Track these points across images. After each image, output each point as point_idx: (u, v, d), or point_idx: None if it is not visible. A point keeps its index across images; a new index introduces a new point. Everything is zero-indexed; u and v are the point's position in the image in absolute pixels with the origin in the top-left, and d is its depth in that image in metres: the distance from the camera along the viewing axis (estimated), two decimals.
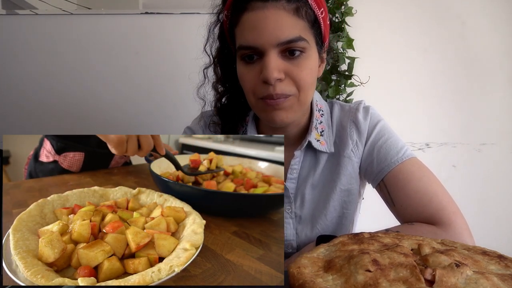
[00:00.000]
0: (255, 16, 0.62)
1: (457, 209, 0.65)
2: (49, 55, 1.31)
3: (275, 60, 0.61)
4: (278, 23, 0.61)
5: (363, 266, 0.35)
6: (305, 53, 0.64)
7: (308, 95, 0.67)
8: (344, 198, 0.74)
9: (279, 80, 0.62)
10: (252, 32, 0.62)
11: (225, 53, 0.74)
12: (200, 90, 0.80)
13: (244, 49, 0.64)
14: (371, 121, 0.74)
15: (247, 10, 0.63)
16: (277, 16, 0.61)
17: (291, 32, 0.61)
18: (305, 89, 0.65)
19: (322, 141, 0.74)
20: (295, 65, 0.63)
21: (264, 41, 0.61)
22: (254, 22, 0.62)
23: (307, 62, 0.64)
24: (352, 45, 1.26)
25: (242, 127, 0.79)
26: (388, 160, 0.70)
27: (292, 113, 0.67)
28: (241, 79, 0.68)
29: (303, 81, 0.64)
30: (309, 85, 0.66)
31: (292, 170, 0.75)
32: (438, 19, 1.35)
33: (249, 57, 0.64)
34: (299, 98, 0.65)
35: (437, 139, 1.40)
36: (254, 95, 0.66)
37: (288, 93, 0.64)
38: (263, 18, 0.61)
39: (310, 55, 0.65)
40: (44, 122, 1.33)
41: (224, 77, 0.77)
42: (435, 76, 1.38)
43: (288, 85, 0.64)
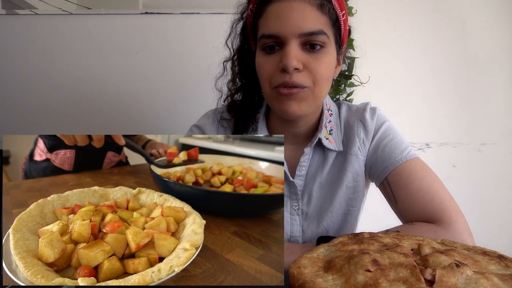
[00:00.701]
0: (280, 6, 0.63)
1: (458, 209, 0.66)
2: (49, 55, 1.31)
3: (295, 50, 0.63)
4: (302, 14, 0.62)
5: (363, 266, 0.35)
6: (325, 48, 0.65)
7: (323, 90, 0.68)
8: (349, 195, 0.75)
9: (297, 70, 0.63)
10: (276, 21, 0.63)
11: (244, 50, 0.76)
12: (218, 81, 0.81)
13: (266, 38, 0.65)
14: (378, 121, 0.76)
15: (272, 1, 0.64)
16: (301, 8, 0.62)
17: (314, 24, 0.63)
18: (321, 83, 0.66)
19: (331, 139, 0.75)
20: (314, 58, 0.64)
21: (287, 30, 0.62)
22: (279, 12, 0.63)
23: (326, 57, 0.65)
24: (352, 45, 1.26)
25: (253, 124, 0.80)
26: (392, 158, 0.71)
27: (305, 106, 0.67)
28: (259, 69, 0.68)
29: (320, 74, 0.65)
30: (325, 80, 0.67)
31: (301, 167, 0.75)
32: (438, 19, 1.35)
33: (270, 48, 0.65)
34: (313, 91, 0.66)
35: (437, 139, 1.40)
36: (269, 83, 0.67)
37: (303, 84, 0.64)
38: (288, 8, 0.62)
39: (329, 52, 0.66)
40: (44, 122, 1.33)
41: (241, 73, 0.78)
42: (435, 76, 1.38)
43: (304, 77, 0.64)
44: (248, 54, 0.75)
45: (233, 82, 0.79)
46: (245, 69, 0.77)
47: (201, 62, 0.80)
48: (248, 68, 0.75)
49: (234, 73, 0.78)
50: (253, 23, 0.70)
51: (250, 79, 0.77)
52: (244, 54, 0.76)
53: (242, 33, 0.76)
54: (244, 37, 0.75)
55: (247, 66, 0.76)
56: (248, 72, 0.76)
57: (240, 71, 0.78)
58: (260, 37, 0.66)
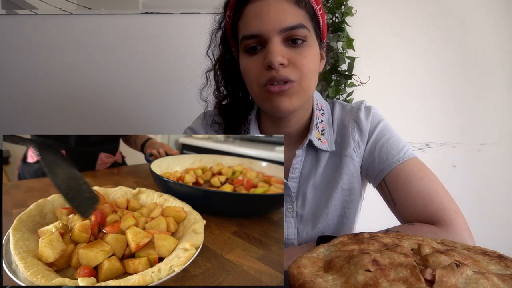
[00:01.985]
0: (259, 5, 0.64)
1: (458, 209, 0.65)
2: (49, 55, 1.31)
3: (278, 46, 0.63)
4: (281, 10, 0.63)
5: (363, 266, 0.35)
6: (307, 42, 0.65)
7: (311, 82, 0.68)
8: (345, 197, 0.74)
9: (282, 65, 0.63)
10: (255, 20, 0.64)
11: (226, 59, 0.76)
12: (202, 92, 0.81)
13: (247, 39, 0.65)
14: (373, 120, 0.75)
15: (249, 2, 0.65)
16: (279, 4, 0.63)
17: (293, 19, 0.63)
18: (308, 76, 0.66)
19: (323, 139, 0.74)
20: (297, 53, 0.64)
21: (267, 28, 0.62)
22: (258, 11, 0.64)
23: (309, 50, 0.66)
24: (352, 45, 1.26)
25: (245, 126, 0.79)
26: (389, 159, 0.70)
27: (296, 100, 0.67)
28: (245, 71, 0.68)
29: (306, 67, 0.65)
30: (312, 72, 0.67)
31: (294, 169, 0.75)
32: (438, 19, 1.35)
33: (253, 49, 0.65)
34: (301, 85, 0.66)
35: (437, 139, 1.40)
36: (257, 83, 0.66)
37: (291, 78, 0.64)
38: (266, 6, 0.63)
39: (311, 44, 0.66)
40: (44, 122, 1.33)
41: (225, 82, 0.78)
42: (435, 76, 1.37)
43: (291, 71, 0.64)
44: (231, 62, 0.75)
45: (218, 91, 0.79)
46: (229, 77, 0.77)
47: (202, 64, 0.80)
48: (232, 75, 0.75)
49: (218, 82, 0.78)
50: (232, 28, 0.70)
51: (236, 86, 0.77)
52: (226, 62, 0.76)
53: (222, 42, 0.76)
54: (225, 46, 0.75)
55: (231, 73, 0.76)
56: (233, 79, 0.76)
57: (225, 79, 0.78)
58: (242, 38, 0.66)
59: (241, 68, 0.69)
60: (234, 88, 0.78)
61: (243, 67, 0.68)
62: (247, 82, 0.69)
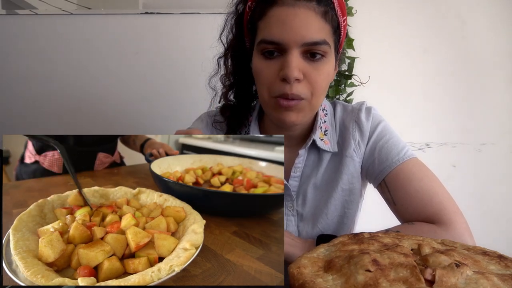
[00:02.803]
0: (284, 12, 0.61)
1: (458, 209, 0.65)
2: (49, 55, 1.31)
3: (297, 59, 0.61)
4: (307, 23, 0.60)
5: (363, 266, 0.35)
6: (326, 58, 0.64)
7: (319, 100, 0.68)
8: (345, 197, 0.74)
9: (297, 80, 0.62)
10: (279, 27, 0.61)
11: (238, 45, 0.73)
12: (212, 79, 0.79)
13: (267, 44, 0.63)
14: (373, 121, 0.75)
15: (276, 4, 0.62)
16: (306, 16, 0.60)
17: (318, 34, 0.61)
18: (319, 93, 0.65)
19: (326, 140, 0.75)
20: (314, 68, 0.63)
21: (290, 38, 0.60)
22: (283, 17, 0.61)
23: (326, 67, 0.65)
24: (352, 45, 1.26)
25: (245, 126, 0.79)
26: (389, 160, 0.70)
27: (302, 116, 0.67)
28: (257, 74, 0.67)
29: (319, 85, 0.64)
30: (323, 89, 0.66)
31: (296, 169, 0.75)
32: (438, 19, 1.35)
33: (270, 53, 0.63)
34: (311, 102, 0.66)
35: (437, 139, 1.40)
36: (269, 92, 0.66)
37: (302, 95, 0.64)
38: (293, 15, 0.60)
39: (329, 61, 0.65)
40: (44, 122, 1.33)
41: (234, 69, 0.76)
42: (435, 76, 1.37)
43: (304, 88, 0.63)
44: (242, 49, 0.73)
45: (226, 77, 0.77)
46: (239, 65, 0.75)
47: (201, 62, 0.80)
48: (241, 64, 0.74)
49: (227, 68, 0.76)
50: (251, 22, 0.68)
51: (243, 76, 0.75)
52: (238, 49, 0.74)
53: (236, 26, 0.73)
54: (239, 31, 0.73)
55: (240, 62, 0.74)
56: (241, 69, 0.74)
57: (233, 67, 0.76)
58: (260, 41, 0.64)
59: (253, 67, 0.68)
60: (241, 78, 0.76)
61: (256, 69, 0.67)
62: (257, 84, 0.68)
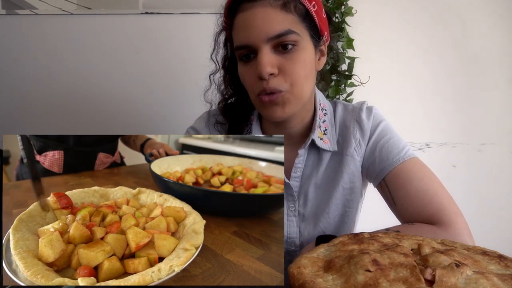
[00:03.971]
0: (245, 16, 0.64)
1: (458, 209, 0.65)
2: (49, 55, 1.31)
3: (268, 56, 0.63)
4: (266, 19, 0.62)
5: (363, 266, 0.35)
6: (298, 46, 0.65)
7: (303, 88, 0.67)
8: (346, 196, 0.74)
9: (272, 75, 0.64)
10: (243, 31, 0.64)
11: (230, 59, 0.77)
12: (206, 94, 0.82)
13: (239, 49, 0.66)
14: (374, 120, 0.75)
15: (238, 11, 0.65)
16: (264, 13, 0.63)
17: (280, 26, 0.63)
18: (299, 83, 0.66)
19: (326, 139, 0.75)
20: (288, 59, 0.64)
21: (254, 38, 0.63)
22: (245, 21, 0.64)
23: (300, 55, 0.65)
24: (352, 45, 1.26)
25: (247, 126, 0.80)
26: (389, 159, 0.70)
27: (289, 108, 0.67)
28: (242, 79, 0.70)
29: (297, 74, 0.65)
30: (304, 78, 0.66)
31: (296, 169, 0.75)
32: (438, 19, 1.35)
33: (246, 56, 0.66)
34: (293, 92, 0.66)
35: (437, 139, 1.40)
36: (252, 92, 0.68)
37: (280, 88, 0.64)
38: (252, 16, 0.63)
39: (303, 48, 0.66)
40: (44, 122, 1.33)
41: (231, 81, 0.79)
42: (435, 76, 1.37)
43: (281, 81, 0.64)
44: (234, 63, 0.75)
45: (226, 89, 0.80)
46: (234, 77, 0.77)
47: (201, 62, 0.80)
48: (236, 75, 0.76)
49: (225, 82, 0.79)
50: (230, 35, 0.71)
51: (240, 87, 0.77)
52: (231, 63, 0.77)
53: (225, 44, 0.77)
54: (227, 46, 0.77)
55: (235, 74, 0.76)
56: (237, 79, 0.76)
57: (230, 80, 0.79)
58: (235, 48, 0.67)
59: (239, 74, 0.70)
60: (237, 88, 0.78)
61: (240, 74, 0.70)
62: (246, 88, 0.71)
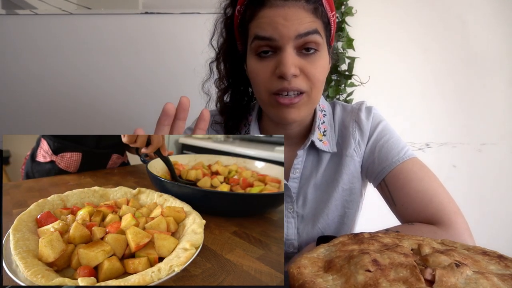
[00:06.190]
0: (275, 12, 0.62)
1: (458, 209, 0.65)
2: (49, 55, 1.31)
3: (292, 56, 0.62)
4: (298, 18, 0.62)
5: (363, 266, 0.35)
6: (319, 51, 0.65)
7: (319, 93, 0.68)
8: (346, 197, 0.74)
9: (295, 76, 0.63)
10: (271, 25, 0.62)
11: (230, 48, 0.74)
12: (205, 84, 0.80)
13: (260, 40, 0.64)
14: (373, 121, 0.75)
15: (265, 6, 0.63)
16: (297, 13, 0.62)
17: (310, 25, 0.63)
18: (317, 86, 0.66)
19: (325, 141, 0.74)
20: (309, 62, 0.64)
21: (283, 34, 0.62)
22: (275, 16, 0.62)
23: (320, 60, 0.66)
24: (352, 45, 1.26)
25: (245, 126, 0.79)
26: (389, 159, 0.70)
27: (304, 111, 0.67)
28: (253, 74, 0.67)
29: (317, 78, 0.65)
30: (321, 82, 0.67)
31: (295, 170, 0.75)
32: (438, 19, 1.35)
33: (264, 52, 0.64)
34: (311, 96, 0.66)
35: (437, 139, 1.40)
36: (266, 90, 0.66)
37: (302, 89, 0.64)
38: (283, 13, 0.62)
39: (323, 55, 0.66)
40: (44, 122, 1.33)
41: (227, 72, 0.77)
42: (435, 76, 1.37)
43: (302, 81, 0.64)
44: (234, 53, 0.74)
45: (220, 81, 0.78)
46: (232, 68, 0.76)
47: (201, 62, 0.80)
48: (234, 67, 0.74)
49: (220, 72, 0.77)
50: (242, 25, 0.68)
51: (238, 79, 0.76)
52: (229, 52, 0.75)
53: (227, 29, 0.74)
54: (229, 34, 0.74)
55: (233, 65, 0.75)
56: (235, 71, 0.75)
57: (226, 71, 0.77)
58: (254, 38, 0.64)
59: (248, 69, 0.68)
60: (235, 80, 0.77)
61: (251, 70, 0.67)
62: (254, 85, 0.69)
